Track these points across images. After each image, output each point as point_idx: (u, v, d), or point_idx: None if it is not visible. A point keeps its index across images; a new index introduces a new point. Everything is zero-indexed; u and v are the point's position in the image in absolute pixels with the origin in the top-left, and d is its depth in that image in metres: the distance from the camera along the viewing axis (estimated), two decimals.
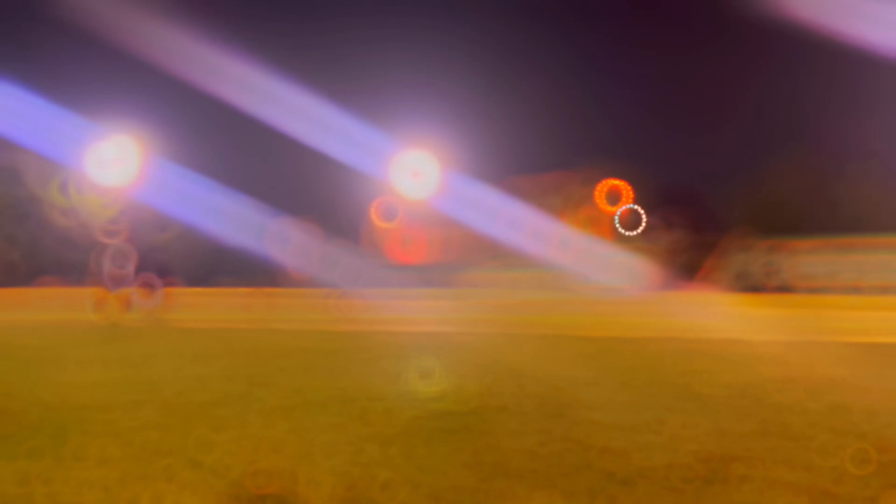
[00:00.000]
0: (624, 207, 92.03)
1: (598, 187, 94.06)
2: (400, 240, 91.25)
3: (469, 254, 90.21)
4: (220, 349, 10.27)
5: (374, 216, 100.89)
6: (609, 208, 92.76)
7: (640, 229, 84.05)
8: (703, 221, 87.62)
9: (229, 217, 70.71)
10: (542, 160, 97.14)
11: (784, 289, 49.97)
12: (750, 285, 52.28)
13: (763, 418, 4.07)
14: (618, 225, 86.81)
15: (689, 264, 64.07)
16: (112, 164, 60.29)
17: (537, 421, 3.98)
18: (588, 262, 62.55)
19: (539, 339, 12.95)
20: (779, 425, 3.86)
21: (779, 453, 3.18)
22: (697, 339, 12.76)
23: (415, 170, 65.23)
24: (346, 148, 64.09)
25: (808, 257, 56.61)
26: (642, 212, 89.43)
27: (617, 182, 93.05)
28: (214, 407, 4.48)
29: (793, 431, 3.68)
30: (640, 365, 7.58)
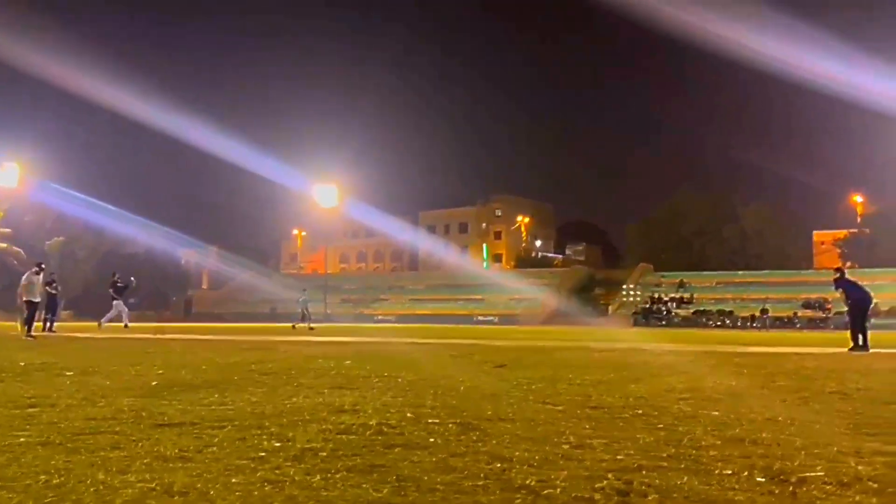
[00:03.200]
0: (533, 242, 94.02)
1: (508, 222, 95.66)
2: (317, 260, 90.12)
3: (382, 273, 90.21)
4: (119, 362, 9.84)
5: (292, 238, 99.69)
6: (517, 241, 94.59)
7: (546, 263, 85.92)
8: (608, 257, 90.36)
9: (143, 243, 68.31)
10: (453, 196, 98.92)
11: (686, 322, 52.03)
12: (652, 318, 54.20)
13: (664, 424, 4.18)
14: (524, 258, 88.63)
15: (593, 298, 65.81)
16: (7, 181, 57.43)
17: (449, 433, 3.96)
18: (494, 291, 63.77)
19: (452, 348, 12.98)
20: (678, 432, 3.97)
21: (678, 461, 3.26)
22: (603, 349, 13.06)
23: (326, 201, 64.94)
24: (263, 179, 63.51)
25: (709, 294, 59.27)
26: (544, 246, 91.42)
27: (524, 217, 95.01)
28: (108, 421, 4.27)
29: (693, 440, 3.79)
30: (546, 376, 7.68)
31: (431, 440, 3.73)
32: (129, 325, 22.75)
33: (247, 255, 75.32)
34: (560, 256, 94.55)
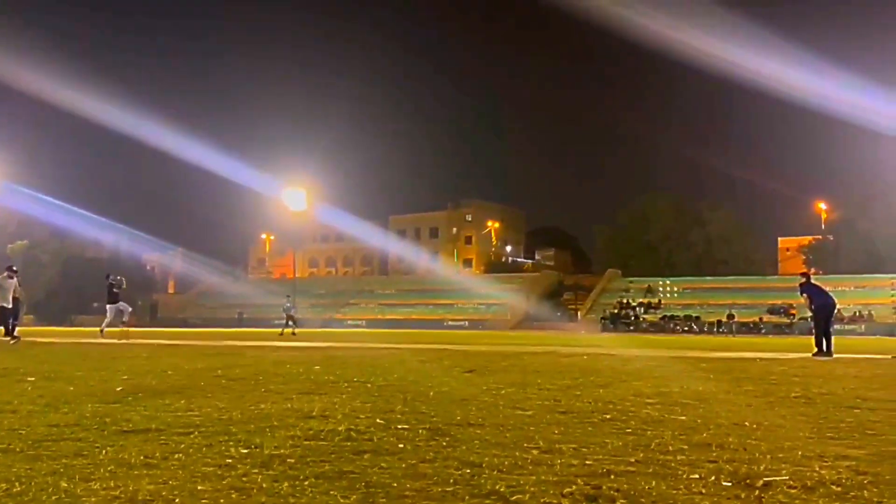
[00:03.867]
0: (503, 247, 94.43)
1: (478, 226, 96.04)
2: (285, 264, 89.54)
3: (352, 277, 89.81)
4: (83, 367, 9.69)
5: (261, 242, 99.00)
6: (487, 246, 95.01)
7: (516, 268, 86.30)
8: (578, 262, 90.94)
9: (107, 247, 67.24)
10: (423, 200, 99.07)
11: (653, 327, 52.60)
12: (620, 323, 54.71)
13: (632, 429, 4.21)
14: (494, 262, 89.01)
15: (563, 303, 66.25)
16: None
17: (418, 438, 3.94)
18: (464, 296, 63.95)
19: (422, 353, 12.96)
20: (646, 437, 4.00)
21: (646, 466, 3.29)
22: (571, 354, 13.13)
23: (295, 204, 64.55)
24: (231, 183, 63.17)
25: (676, 299, 59.97)
26: (514, 251, 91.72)
27: (495, 222, 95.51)
28: (71, 428, 4.19)
29: (661, 444, 3.82)
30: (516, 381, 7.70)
31: (401, 446, 3.72)
32: (105, 331, 22.42)
33: (214, 258, 74.53)
34: (530, 261, 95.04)
